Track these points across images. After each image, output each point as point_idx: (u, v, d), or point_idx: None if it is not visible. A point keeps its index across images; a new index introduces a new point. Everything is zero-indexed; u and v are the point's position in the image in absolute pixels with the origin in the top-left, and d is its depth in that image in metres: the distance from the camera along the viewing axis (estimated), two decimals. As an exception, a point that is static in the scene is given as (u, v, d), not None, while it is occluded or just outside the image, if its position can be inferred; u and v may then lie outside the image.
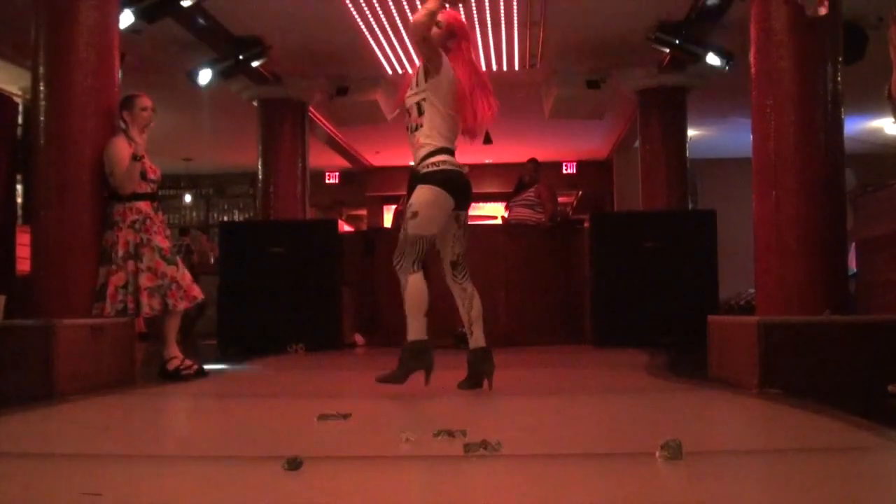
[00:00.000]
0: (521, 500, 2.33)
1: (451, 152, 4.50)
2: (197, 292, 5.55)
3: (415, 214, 4.37)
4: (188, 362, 5.59)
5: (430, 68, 4.40)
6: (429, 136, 4.44)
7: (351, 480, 2.55)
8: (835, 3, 5.58)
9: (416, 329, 4.40)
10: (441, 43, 4.45)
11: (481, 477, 2.50)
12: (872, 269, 7.21)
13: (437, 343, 4.86)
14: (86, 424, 3.62)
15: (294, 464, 2.52)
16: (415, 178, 4.47)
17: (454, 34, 4.53)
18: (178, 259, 5.55)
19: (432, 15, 4.32)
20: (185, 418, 3.84)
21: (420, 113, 4.44)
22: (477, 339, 4.53)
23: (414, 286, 4.37)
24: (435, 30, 4.39)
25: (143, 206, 5.47)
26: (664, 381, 5.25)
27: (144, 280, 5.32)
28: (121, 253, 5.35)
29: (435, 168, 4.41)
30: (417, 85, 4.48)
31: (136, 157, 5.39)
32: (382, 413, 3.99)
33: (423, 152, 4.44)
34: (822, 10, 3.86)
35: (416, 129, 4.46)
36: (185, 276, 5.49)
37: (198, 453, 2.96)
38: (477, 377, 4.49)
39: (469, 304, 4.54)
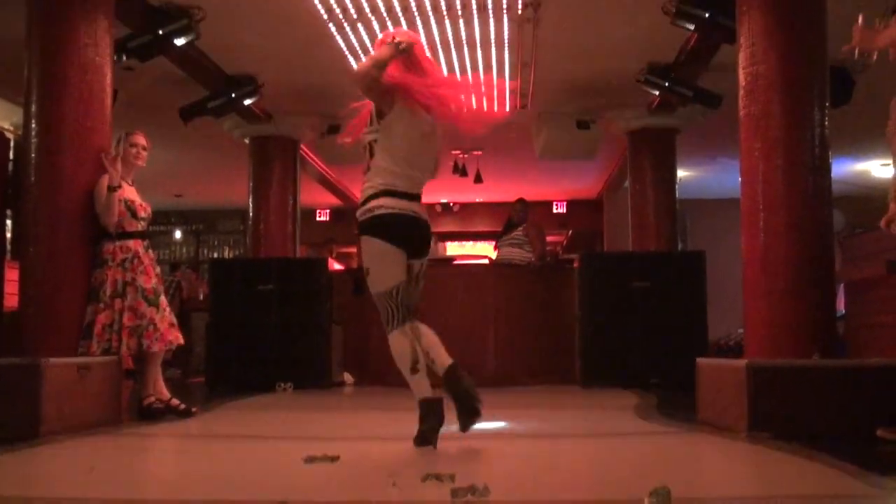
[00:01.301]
0: (508, 548, 2.31)
1: (395, 194, 3.98)
2: (174, 336, 5.48)
3: (367, 272, 4.02)
4: (175, 401, 5.54)
5: (383, 107, 4.01)
6: (370, 179, 4.03)
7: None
8: (823, 46, 5.66)
9: (416, 387, 4.01)
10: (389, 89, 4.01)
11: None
12: (861, 311, 7.24)
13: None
14: (70, 466, 3.58)
15: (280, 509, 2.50)
16: None
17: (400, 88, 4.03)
18: (162, 300, 5.50)
19: (379, 66, 3.93)
20: (170, 460, 3.80)
21: (371, 155, 4.06)
22: (441, 360, 4.00)
23: (393, 346, 4.01)
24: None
25: (133, 244, 5.47)
26: (653, 423, 5.23)
27: (125, 319, 5.30)
28: (109, 291, 5.34)
29: (367, 215, 3.97)
30: (371, 124, 4.09)
31: (111, 188, 5.39)
32: (370, 456, 3.96)
33: (361, 198, 4.06)
34: (865, 58, 3.95)
35: (367, 171, 4.08)
36: (164, 318, 5.44)
37: (183, 497, 2.94)
38: (468, 406, 3.98)
39: (418, 338, 4.02)
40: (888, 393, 4.41)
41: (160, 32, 7.43)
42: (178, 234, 17.28)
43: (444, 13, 7.71)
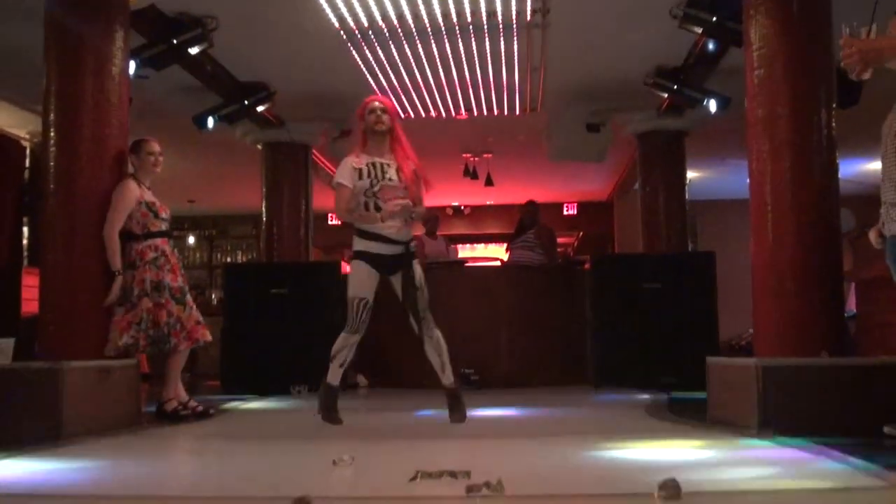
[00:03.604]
0: (523, 540, 2.39)
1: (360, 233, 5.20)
2: (201, 334, 5.62)
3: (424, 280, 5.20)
4: (193, 403, 5.65)
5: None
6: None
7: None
8: (829, 48, 5.70)
9: (330, 372, 5.18)
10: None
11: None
12: (872, 310, 7.28)
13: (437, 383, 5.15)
14: (94, 466, 3.66)
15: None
16: None
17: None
18: (188, 299, 5.63)
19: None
20: (191, 460, 3.88)
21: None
22: (445, 378, 5.12)
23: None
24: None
25: (161, 242, 5.60)
26: (663, 422, 5.30)
27: (154, 317, 5.41)
28: (136, 291, 5.46)
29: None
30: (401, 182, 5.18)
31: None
32: (386, 454, 4.04)
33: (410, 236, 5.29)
34: (866, 75, 3.95)
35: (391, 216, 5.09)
36: (191, 316, 5.57)
37: (206, 494, 3.02)
38: (455, 415, 5.09)
39: (437, 349, 5.11)
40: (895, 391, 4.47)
41: (174, 42, 7.54)
42: (191, 240, 17.41)
43: (455, 20, 7.79)
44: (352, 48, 8.41)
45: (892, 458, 3.70)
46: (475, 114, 10.63)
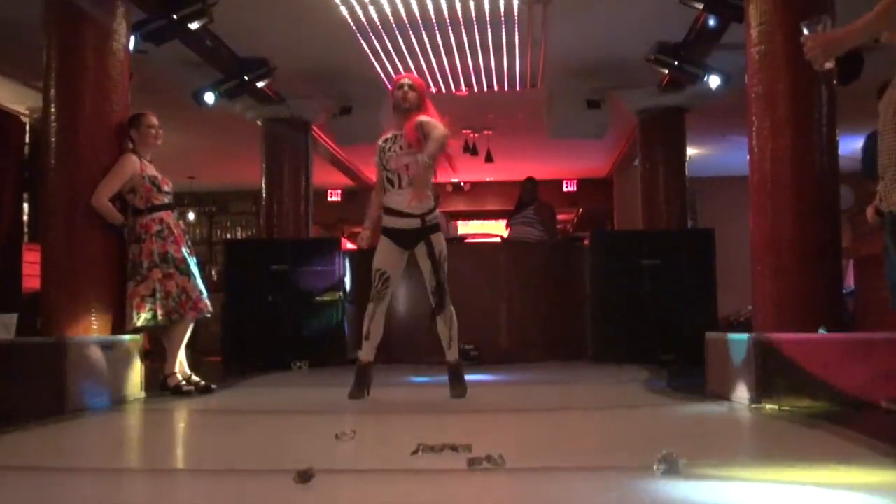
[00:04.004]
0: (524, 511, 2.42)
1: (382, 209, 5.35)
2: (205, 305, 5.66)
3: (445, 256, 5.31)
4: (195, 378, 5.70)
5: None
6: (430, 197, 5.24)
7: (360, 492, 2.65)
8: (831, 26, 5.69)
9: (362, 351, 5.26)
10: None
11: (485, 489, 2.59)
12: (869, 287, 7.31)
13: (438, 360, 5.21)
14: (100, 439, 3.70)
15: (305, 476, 2.61)
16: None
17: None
18: (193, 270, 5.66)
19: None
20: (195, 433, 3.92)
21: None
22: (450, 354, 5.23)
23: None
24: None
25: (165, 215, 5.63)
26: (662, 396, 5.34)
27: (165, 287, 5.46)
28: (146, 263, 5.49)
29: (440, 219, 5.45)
30: (404, 148, 5.18)
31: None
32: (387, 428, 4.08)
33: (429, 206, 5.23)
34: (828, 65, 4.07)
35: (426, 187, 5.12)
36: (195, 287, 5.62)
37: (211, 467, 3.05)
38: (456, 391, 5.18)
39: (448, 324, 5.19)
40: (892, 365, 4.50)
41: (175, 17, 7.51)
42: (191, 216, 17.41)
43: (455, -5, 7.77)
44: (352, 23, 8.38)
45: (889, 431, 3.74)
46: (475, 90, 10.61)
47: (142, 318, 5.46)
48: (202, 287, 5.71)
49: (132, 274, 5.54)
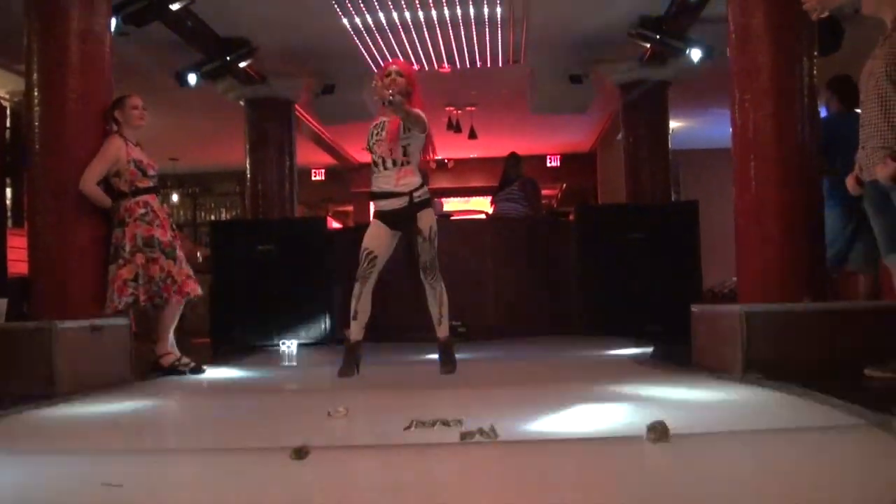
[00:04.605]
0: (516, 482, 2.46)
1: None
2: (191, 288, 5.65)
3: (435, 230, 5.31)
4: (185, 359, 5.72)
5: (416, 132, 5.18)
6: (416, 173, 5.26)
7: (356, 468, 2.69)
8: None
9: (351, 330, 5.30)
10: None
11: (479, 462, 2.63)
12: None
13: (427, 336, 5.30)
14: (93, 422, 3.72)
15: (301, 453, 2.65)
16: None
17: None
18: (179, 253, 5.66)
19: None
20: (188, 414, 3.94)
21: (405, 153, 5.20)
22: (443, 329, 5.30)
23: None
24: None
25: (149, 199, 5.62)
26: (649, 368, 5.40)
27: (148, 271, 5.46)
28: (128, 247, 5.48)
29: (429, 194, 5.39)
30: (403, 132, 5.16)
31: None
32: (379, 405, 4.12)
33: (415, 184, 5.23)
34: (824, 14, 4.18)
35: (407, 164, 5.20)
36: (181, 270, 5.61)
37: (206, 445, 3.08)
38: (445, 367, 5.24)
39: (438, 301, 5.25)
40: (875, 334, 4.57)
41: (155, -2, 7.49)
42: (175, 198, 17.36)
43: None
44: (333, 1, 8.36)
45: (872, 397, 3.80)
46: (458, 67, 10.61)
47: (123, 302, 5.45)
48: (189, 270, 5.70)
49: (114, 257, 5.53)
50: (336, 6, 8.46)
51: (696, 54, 8.95)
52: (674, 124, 11.57)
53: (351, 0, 8.37)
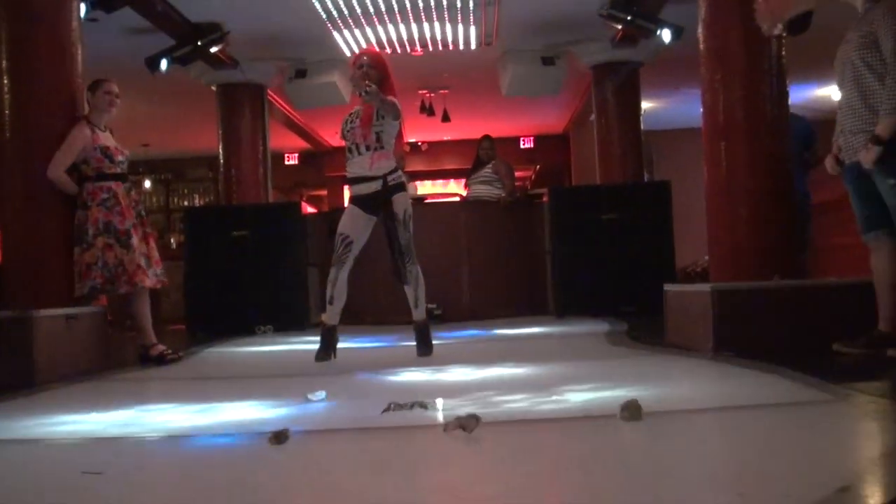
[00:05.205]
0: (492, 461, 2.51)
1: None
2: (140, 278, 5.54)
3: (410, 214, 5.34)
4: (161, 347, 5.71)
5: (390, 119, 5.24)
6: (390, 157, 5.32)
7: (336, 451, 2.72)
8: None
9: (326, 314, 5.32)
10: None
11: (458, 444, 2.67)
12: (822, 234, 7.48)
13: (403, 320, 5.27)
14: (71, 409, 3.73)
15: (281, 438, 2.68)
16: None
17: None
18: (133, 242, 5.53)
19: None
20: (167, 400, 3.95)
21: (378, 139, 5.24)
22: (419, 312, 5.36)
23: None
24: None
25: (114, 185, 5.57)
26: (623, 347, 5.47)
27: (105, 258, 5.44)
28: (91, 231, 5.46)
29: (403, 178, 5.45)
30: (376, 119, 5.23)
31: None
32: (357, 388, 4.16)
33: (389, 168, 5.29)
34: (776, 30, 4.22)
35: (380, 149, 5.25)
36: (132, 260, 5.52)
37: (185, 432, 3.10)
38: (422, 349, 5.35)
39: (415, 284, 5.30)
40: (844, 310, 4.66)
41: (123, -19, 7.42)
42: (147, 184, 17.24)
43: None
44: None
45: (841, 373, 3.88)
46: (430, 50, 10.60)
47: (87, 286, 5.44)
48: (142, 260, 5.58)
49: (78, 240, 5.50)
50: (307, -10, 8.44)
51: (667, 35, 8.98)
52: (646, 105, 11.62)
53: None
